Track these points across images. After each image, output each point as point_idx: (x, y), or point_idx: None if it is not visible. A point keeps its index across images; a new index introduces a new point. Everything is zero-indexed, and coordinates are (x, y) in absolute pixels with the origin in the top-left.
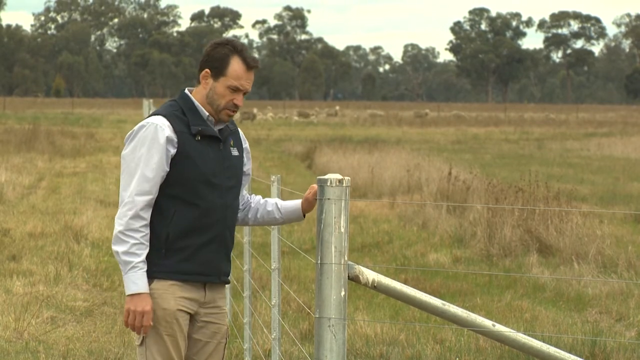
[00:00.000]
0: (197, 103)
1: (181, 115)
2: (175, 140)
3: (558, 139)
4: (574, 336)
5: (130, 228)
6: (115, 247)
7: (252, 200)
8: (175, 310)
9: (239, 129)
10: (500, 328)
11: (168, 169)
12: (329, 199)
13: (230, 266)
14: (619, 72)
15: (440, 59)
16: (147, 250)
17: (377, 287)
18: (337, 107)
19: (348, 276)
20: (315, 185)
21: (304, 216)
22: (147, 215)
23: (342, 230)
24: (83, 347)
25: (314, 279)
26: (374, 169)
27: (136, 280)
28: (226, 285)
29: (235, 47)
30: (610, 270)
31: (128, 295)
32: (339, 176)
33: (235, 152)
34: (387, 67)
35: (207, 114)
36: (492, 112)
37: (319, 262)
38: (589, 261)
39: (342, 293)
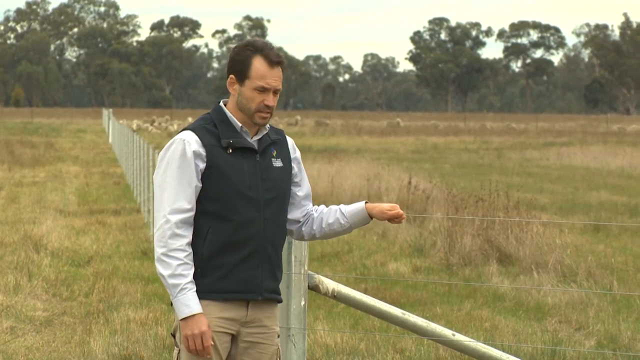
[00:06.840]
0: (229, 114)
1: (212, 128)
2: (204, 154)
3: (517, 148)
4: (533, 345)
5: (172, 248)
6: (160, 271)
7: (316, 212)
8: (212, 333)
9: (289, 138)
10: (460, 337)
11: (200, 184)
12: None
13: (278, 283)
14: (578, 81)
15: (400, 69)
16: (192, 270)
17: (337, 297)
18: (298, 117)
19: (308, 286)
20: (402, 212)
21: (372, 218)
22: (188, 233)
23: None
24: (42, 357)
25: None
26: (333, 178)
27: (187, 302)
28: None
29: (256, 47)
30: (569, 280)
31: (182, 320)
32: None
33: (277, 163)
34: (347, 76)
35: (241, 124)
36: (451, 121)
37: None
38: (549, 270)
39: (302, 303)
